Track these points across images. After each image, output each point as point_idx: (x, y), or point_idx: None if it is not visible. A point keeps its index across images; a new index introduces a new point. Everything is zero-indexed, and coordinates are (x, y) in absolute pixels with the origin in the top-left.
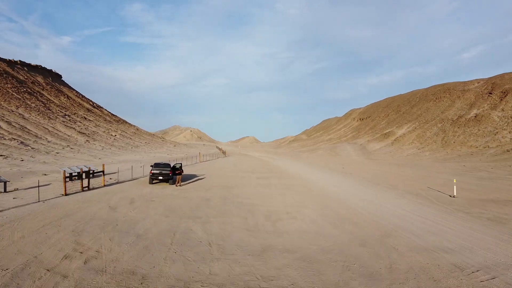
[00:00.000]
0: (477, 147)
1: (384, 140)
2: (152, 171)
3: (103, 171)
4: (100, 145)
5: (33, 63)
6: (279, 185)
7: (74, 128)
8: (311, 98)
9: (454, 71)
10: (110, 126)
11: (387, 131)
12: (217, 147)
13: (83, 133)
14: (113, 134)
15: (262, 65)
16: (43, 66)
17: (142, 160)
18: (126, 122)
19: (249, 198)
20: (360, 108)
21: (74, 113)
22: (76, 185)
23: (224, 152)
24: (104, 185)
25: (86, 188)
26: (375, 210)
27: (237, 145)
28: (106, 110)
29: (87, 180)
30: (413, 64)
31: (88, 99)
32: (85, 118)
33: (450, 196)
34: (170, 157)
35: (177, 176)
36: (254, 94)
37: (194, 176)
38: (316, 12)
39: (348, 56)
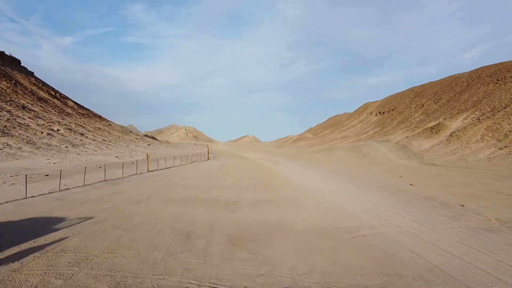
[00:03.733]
0: None
1: (433, 136)
2: None
3: None
4: (5, 143)
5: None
6: None
7: None
8: (311, 98)
9: (454, 71)
10: (62, 119)
11: (432, 124)
12: (207, 146)
13: None
14: (55, 129)
15: (263, 65)
16: None
17: (47, 169)
18: (99, 116)
19: None
20: (376, 101)
21: (9, 101)
22: None
23: (207, 152)
24: None
25: None
26: None
27: (233, 144)
28: (72, 101)
29: None
30: (413, 64)
31: (51, 88)
32: (24, 108)
33: None
34: (117, 161)
35: None
36: (254, 94)
37: (54, 228)
38: (316, 12)
39: (348, 56)
